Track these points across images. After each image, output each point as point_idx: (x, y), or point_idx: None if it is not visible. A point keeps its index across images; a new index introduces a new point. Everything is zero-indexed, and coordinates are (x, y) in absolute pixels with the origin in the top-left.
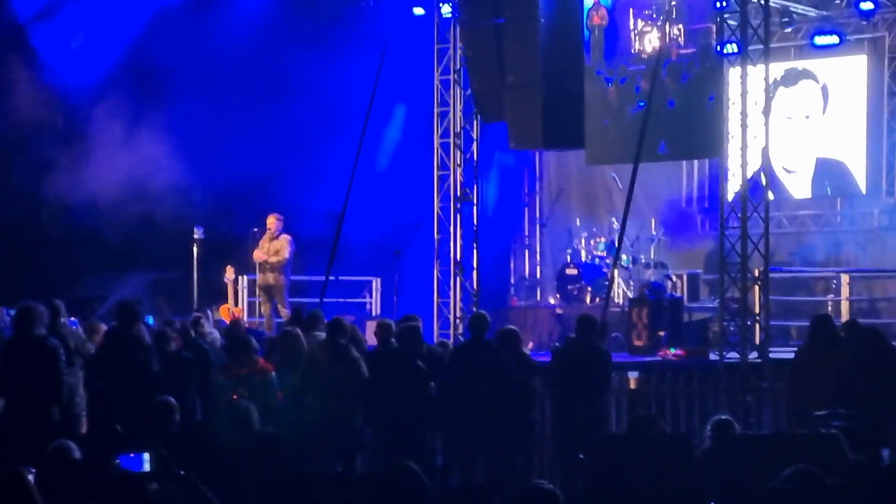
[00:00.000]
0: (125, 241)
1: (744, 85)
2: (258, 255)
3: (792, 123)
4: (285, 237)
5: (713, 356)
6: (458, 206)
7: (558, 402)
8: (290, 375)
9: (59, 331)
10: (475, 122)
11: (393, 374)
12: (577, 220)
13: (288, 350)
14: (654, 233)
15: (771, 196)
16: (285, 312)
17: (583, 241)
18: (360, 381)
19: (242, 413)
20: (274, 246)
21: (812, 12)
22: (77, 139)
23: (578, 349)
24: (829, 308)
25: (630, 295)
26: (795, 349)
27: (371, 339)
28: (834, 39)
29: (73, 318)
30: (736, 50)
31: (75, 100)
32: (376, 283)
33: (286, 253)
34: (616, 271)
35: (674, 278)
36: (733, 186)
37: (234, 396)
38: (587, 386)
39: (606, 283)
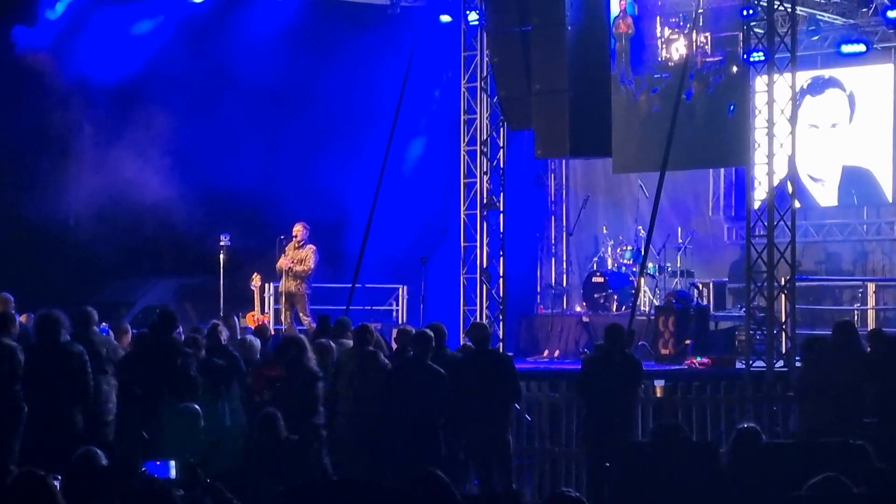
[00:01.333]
0: (152, 246)
1: (770, 93)
2: (283, 262)
3: (818, 132)
4: (310, 247)
5: (739, 365)
6: (485, 213)
7: (589, 411)
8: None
9: (90, 338)
10: (502, 129)
11: (409, 378)
12: (604, 227)
13: (320, 359)
14: (680, 241)
15: (797, 204)
16: (307, 320)
17: (609, 249)
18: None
19: (269, 419)
20: (299, 255)
21: (839, 20)
22: (104, 144)
23: (609, 357)
24: (856, 317)
25: (656, 303)
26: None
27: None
28: (861, 48)
29: (104, 325)
30: (762, 58)
31: (99, 105)
32: (402, 291)
33: (311, 263)
34: (642, 279)
35: (700, 287)
36: (759, 195)
37: (265, 393)
38: (618, 394)
39: (633, 291)
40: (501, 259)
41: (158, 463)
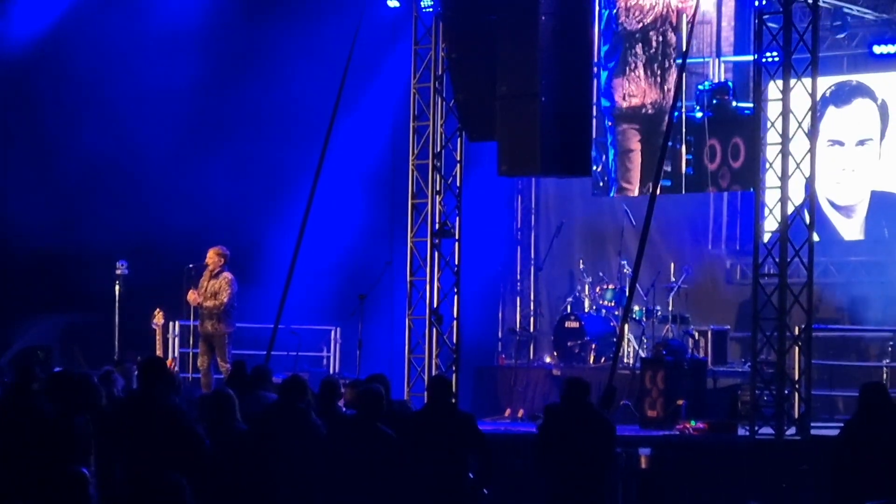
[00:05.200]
0: (32, 276)
1: (786, 102)
2: (192, 297)
3: (843, 150)
4: (226, 276)
5: (743, 431)
6: (437, 242)
7: (550, 485)
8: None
9: None
10: (459, 140)
11: (348, 444)
12: (581, 262)
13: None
14: (673, 280)
15: (816, 238)
16: (225, 367)
17: (587, 287)
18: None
19: (173, 489)
20: (212, 286)
21: (870, 15)
22: None
23: (569, 417)
24: (885, 376)
25: (643, 355)
26: (842, 424)
27: None
28: None
29: None
30: (777, 59)
31: None
32: (335, 334)
33: (225, 296)
34: (626, 326)
35: (696, 336)
36: (770, 225)
37: None
38: (585, 463)
39: (614, 339)
40: (456, 298)
41: None
